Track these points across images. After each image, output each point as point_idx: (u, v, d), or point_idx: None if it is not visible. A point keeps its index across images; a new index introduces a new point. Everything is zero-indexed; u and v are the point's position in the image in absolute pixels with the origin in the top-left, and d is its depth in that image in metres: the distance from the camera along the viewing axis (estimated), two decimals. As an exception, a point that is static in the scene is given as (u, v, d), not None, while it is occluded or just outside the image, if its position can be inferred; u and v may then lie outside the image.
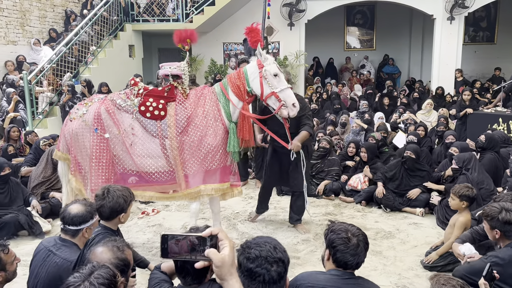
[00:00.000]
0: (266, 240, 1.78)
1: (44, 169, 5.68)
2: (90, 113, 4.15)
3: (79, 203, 2.73)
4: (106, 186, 2.82)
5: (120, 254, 2.09)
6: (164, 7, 11.33)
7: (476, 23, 13.77)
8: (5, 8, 9.64)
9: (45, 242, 2.72)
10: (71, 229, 2.66)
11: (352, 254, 2.07)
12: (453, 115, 8.15)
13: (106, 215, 2.73)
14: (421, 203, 5.44)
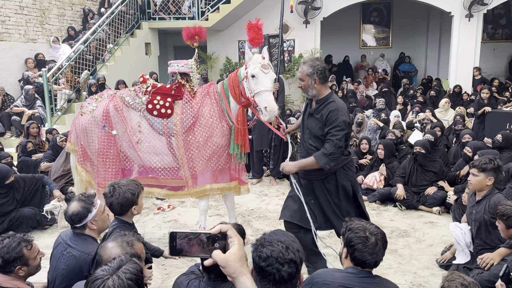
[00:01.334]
0: (279, 238, 1.76)
1: (64, 163, 5.80)
2: (99, 109, 4.24)
3: (76, 200, 2.78)
4: (112, 183, 2.86)
5: (130, 249, 2.12)
6: (180, 5, 11.41)
7: (495, 21, 13.52)
8: (25, 6, 9.82)
9: (63, 235, 2.79)
10: (77, 227, 2.74)
11: (370, 253, 2.05)
12: (471, 113, 8.04)
13: (117, 211, 2.80)
14: (437, 202, 5.39)
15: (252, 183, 6.76)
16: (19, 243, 2.49)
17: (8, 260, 2.46)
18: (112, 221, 2.90)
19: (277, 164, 6.81)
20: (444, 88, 9.81)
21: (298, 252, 1.75)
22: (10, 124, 8.63)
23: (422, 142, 5.73)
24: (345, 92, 10.81)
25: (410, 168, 5.65)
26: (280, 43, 7.13)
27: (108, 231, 2.83)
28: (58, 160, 5.90)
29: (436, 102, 9.58)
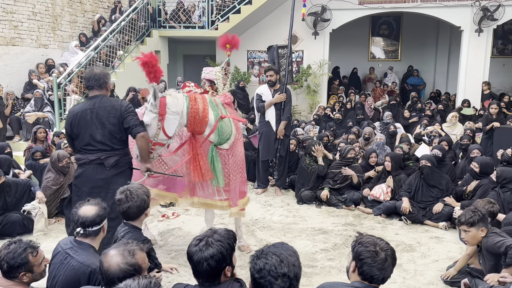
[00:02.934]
0: (276, 251, 1.78)
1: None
2: None
3: (89, 204, 2.72)
4: (124, 189, 2.85)
5: (130, 259, 2.09)
6: (190, 14, 11.52)
7: (505, 36, 13.49)
8: (38, 12, 9.98)
9: (62, 243, 2.72)
10: (95, 230, 2.65)
11: (379, 268, 2.03)
12: (479, 128, 7.99)
13: (134, 214, 2.79)
14: (443, 217, 5.33)
15: (257, 193, 6.75)
16: (25, 249, 2.49)
17: (13, 266, 2.46)
18: (120, 225, 2.90)
19: (282, 175, 6.82)
20: (465, 113, 9.69)
21: (294, 267, 1.73)
22: (19, 128, 8.73)
23: (428, 156, 5.70)
24: (353, 104, 10.80)
25: (415, 184, 5.59)
26: (288, 54, 7.16)
27: (118, 236, 2.82)
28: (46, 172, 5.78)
29: (444, 116, 9.53)
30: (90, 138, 3.53)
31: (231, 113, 4.23)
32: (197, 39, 11.99)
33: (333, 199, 6.11)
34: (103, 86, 3.65)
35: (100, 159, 3.52)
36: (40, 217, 5.20)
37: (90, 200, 2.77)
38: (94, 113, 3.53)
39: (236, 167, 4.19)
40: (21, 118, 8.66)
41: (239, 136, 4.26)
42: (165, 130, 3.65)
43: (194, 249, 2.02)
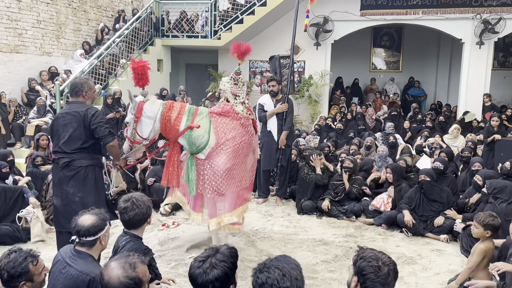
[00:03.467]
0: (278, 264, 1.77)
1: None
2: None
3: (89, 213, 2.73)
4: (129, 198, 2.85)
5: (131, 272, 2.07)
6: (193, 24, 11.60)
7: (506, 49, 13.56)
8: (42, 20, 10.06)
9: (62, 252, 2.72)
10: (89, 240, 2.65)
11: (382, 283, 2.01)
12: (481, 140, 7.99)
13: (137, 223, 2.80)
14: (444, 229, 5.31)
15: (257, 203, 6.74)
16: (25, 258, 2.47)
17: (13, 275, 2.44)
18: (121, 235, 2.89)
19: (283, 185, 6.81)
20: (467, 120, 9.71)
21: (297, 281, 1.72)
22: (21, 135, 8.75)
23: (427, 171, 5.66)
24: (354, 114, 10.82)
25: (416, 198, 5.58)
26: (290, 64, 7.20)
27: (120, 245, 2.82)
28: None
29: (445, 127, 9.54)
30: (57, 140, 3.89)
31: (219, 123, 4.14)
32: (200, 48, 12.06)
33: (334, 210, 6.10)
34: (78, 94, 3.94)
35: (57, 159, 3.89)
36: (35, 221, 5.17)
37: (93, 209, 2.77)
38: (65, 118, 3.85)
39: (218, 177, 4.04)
40: (23, 125, 8.68)
41: (227, 147, 4.07)
42: (137, 131, 4.04)
43: (197, 272, 1.97)
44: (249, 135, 4.26)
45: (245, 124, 4.25)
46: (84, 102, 3.94)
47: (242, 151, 4.19)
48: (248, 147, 4.26)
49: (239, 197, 4.26)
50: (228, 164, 4.07)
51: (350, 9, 11.06)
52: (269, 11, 10.62)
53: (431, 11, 10.83)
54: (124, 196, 2.93)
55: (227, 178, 4.08)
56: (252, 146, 4.41)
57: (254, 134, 4.45)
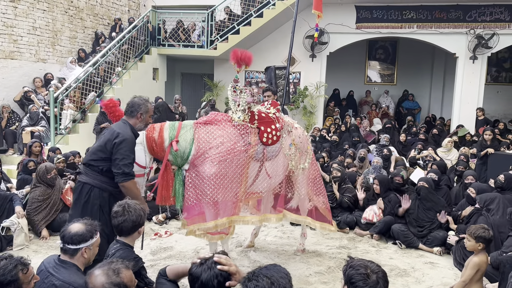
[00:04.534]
0: (267, 273, 1.77)
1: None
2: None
3: (81, 222, 2.68)
4: (123, 203, 2.83)
5: (115, 278, 2.04)
6: (189, 33, 11.64)
7: (499, 64, 13.70)
8: (38, 27, 10.04)
9: (46, 262, 2.66)
10: (70, 248, 2.59)
11: None
12: (474, 154, 8.04)
13: (127, 229, 2.74)
14: (438, 242, 5.31)
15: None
16: (15, 266, 2.42)
17: (2, 283, 2.39)
18: (113, 243, 2.85)
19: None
20: (460, 134, 9.80)
21: None
22: (13, 141, 8.67)
23: (426, 178, 5.89)
24: (348, 126, 10.85)
25: (412, 205, 5.61)
26: (286, 75, 7.22)
27: (109, 253, 2.77)
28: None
29: (439, 140, 9.59)
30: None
31: (202, 132, 4.00)
32: (196, 58, 12.08)
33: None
34: (133, 114, 3.70)
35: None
36: (19, 232, 5.19)
37: (87, 220, 2.73)
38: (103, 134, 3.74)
39: (203, 182, 3.90)
40: (16, 131, 8.61)
41: (210, 154, 3.91)
42: (136, 161, 3.72)
43: (200, 269, 2.02)
44: (244, 143, 4.03)
45: (241, 132, 4.07)
46: (133, 125, 3.68)
47: (232, 158, 3.94)
48: (242, 155, 4.01)
49: (226, 208, 4.04)
50: (213, 169, 3.88)
51: (346, 21, 11.17)
52: (266, 22, 10.68)
53: (426, 26, 10.95)
54: (121, 201, 2.91)
55: (215, 184, 3.88)
56: (251, 156, 4.10)
57: (254, 143, 4.12)
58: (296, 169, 4.59)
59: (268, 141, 4.20)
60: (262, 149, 4.17)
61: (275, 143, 4.27)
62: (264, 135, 4.18)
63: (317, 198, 4.93)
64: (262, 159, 4.20)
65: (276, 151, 4.30)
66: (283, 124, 4.43)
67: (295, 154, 4.54)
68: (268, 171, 4.26)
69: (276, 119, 4.38)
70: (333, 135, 9.84)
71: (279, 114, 4.49)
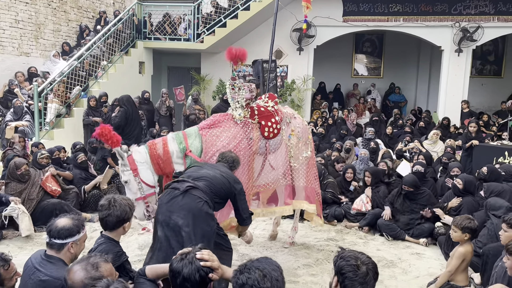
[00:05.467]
0: (259, 265, 1.77)
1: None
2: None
3: (67, 216, 2.64)
4: (110, 197, 2.80)
5: (94, 272, 2.02)
6: (176, 27, 11.52)
7: (483, 57, 13.87)
8: (21, 20, 9.85)
9: (33, 258, 2.62)
10: (57, 243, 2.54)
11: (360, 282, 2.01)
12: (459, 146, 8.14)
13: (112, 224, 2.70)
14: (424, 233, 5.38)
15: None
16: None
17: None
18: (98, 237, 2.82)
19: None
20: (433, 121, 10.01)
21: (277, 282, 1.72)
22: (-4, 136, 8.52)
23: (410, 181, 5.57)
24: (335, 119, 10.90)
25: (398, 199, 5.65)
26: (269, 69, 7.22)
27: (93, 247, 2.74)
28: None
29: (426, 133, 9.69)
30: None
31: (209, 137, 4.00)
32: (182, 51, 11.98)
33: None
34: (233, 169, 3.71)
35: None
36: (22, 216, 5.17)
37: (73, 215, 2.69)
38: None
39: None
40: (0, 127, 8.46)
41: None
42: (144, 181, 3.75)
43: (181, 264, 2.00)
44: (248, 140, 4.09)
45: (244, 129, 4.11)
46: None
47: (239, 157, 3.96)
48: (248, 152, 4.08)
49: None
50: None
51: (333, 15, 11.17)
52: (253, 15, 10.63)
53: (412, 19, 11.02)
54: (109, 195, 2.88)
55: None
56: (255, 151, 4.16)
57: (257, 139, 4.17)
58: (297, 159, 4.59)
59: (269, 135, 4.26)
60: (265, 143, 4.25)
61: (276, 136, 4.33)
62: (265, 129, 4.23)
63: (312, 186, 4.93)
64: (265, 153, 4.29)
65: (278, 144, 4.38)
66: (282, 116, 4.47)
67: (296, 144, 4.58)
68: (272, 164, 4.37)
69: (275, 112, 4.41)
70: (320, 128, 9.87)
71: (277, 106, 4.52)
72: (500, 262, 3.36)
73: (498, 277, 3.29)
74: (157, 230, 3.20)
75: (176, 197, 3.15)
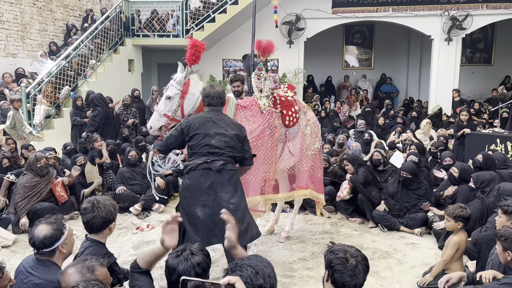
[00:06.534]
0: (251, 263, 1.78)
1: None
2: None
3: (44, 223, 2.60)
4: (92, 199, 2.75)
5: (90, 275, 2.00)
6: (164, 23, 11.42)
7: (473, 45, 13.92)
8: (6, 20, 9.70)
9: (25, 262, 2.60)
10: (46, 251, 2.53)
11: (349, 275, 2.02)
12: (451, 134, 8.17)
13: (98, 226, 2.66)
14: (418, 223, 5.38)
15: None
16: None
17: None
18: (83, 241, 2.78)
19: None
20: (431, 111, 9.98)
21: (270, 278, 1.73)
22: (-15, 139, 8.40)
23: (409, 168, 5.57)
24: (328, 111, 10.88)
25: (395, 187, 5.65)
26: (251, 63, 7.24)
27: (79, 251, 2.71)
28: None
29: (418, 123, 9.71)
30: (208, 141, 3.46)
31: (241, 116, 4.19)
32: (172, 48, 11.87)
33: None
34: (223, 104, 3.77)
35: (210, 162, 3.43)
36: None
37: (48, 218, 2.64)
38: (216, 124, 3.53)
39: None
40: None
41: None
42: (183, 109, 3.93)
43: (177, 260, 2.03)
44: (271, 128, 4.29)
45: (267, 118, 4.30)
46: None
47: (262, 143, 4.22)
48: (270, 140, 4.29)
49: (256, 187, 4.27)
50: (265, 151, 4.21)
51: (322, 7, 11.13)
52: (241, 9, 10.55)
53: (401, 8, 11.01)
54: (91, 197, 2.83)
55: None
56: (277, 138, 4.36)
57: (279, 126, 4.37)
58: (309, 148, 4.82)
59: (290, 123, 4.50)
60: (285, 131, 4.49)
61: (295, 125, 4.58)
62: (286, 118, 4.47)
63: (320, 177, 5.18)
64: (285, 140, 4.54)
65: (296, 132, 4.64)
66: (300, 106, 4.73)
67: (310, 134, 4.83)
68: (291, 150, 4.63)
69: (294, 101, 4.67)
70: (312, 121, 9.84)
71: (296, 96, 4.79)
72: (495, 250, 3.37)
73: (494, 265, 3.30)
74: (196, 213, 3.30)
75: (213, 176, 3.34)
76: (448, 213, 3.82)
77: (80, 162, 6.51)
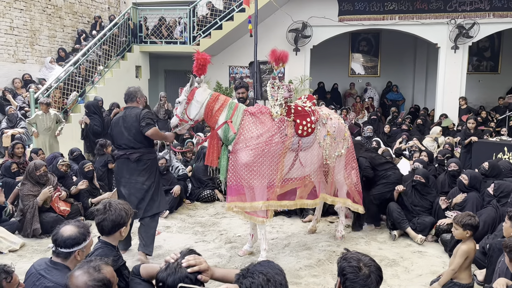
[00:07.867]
0: (263, 269, 1.75)
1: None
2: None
3: (72, 224, 2.62)
4: (107, 201, 2.77)
5: (97, 274, 2.02)
6: (172, 30, 11.51)
7: (480, 53, 13.90)
8: (16, 27, 9.82)
9: (36, 265, 2.59)
10: (63, 252, 2.53)
11: (362, 285, 1.98)
12: (458, 142, 8.13)
13: (107, 229, 2.67)
14: (426, 227, 5.35)
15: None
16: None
17: None
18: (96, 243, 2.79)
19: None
20: (444, 125, 9.92)
21: (281, 286, 1.70)
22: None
23: (423, 172, 5.66)
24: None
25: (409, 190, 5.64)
26: (255, 70, 7.25)
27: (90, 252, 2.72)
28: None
29: (423, 130, 9.68)
30: (121, 138, 4.57)
31: (247, 121, 4.37)
32: (179, 55, 11.97)
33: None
34: (133, 100, 4.70)
35: (126, 155, 4.54)
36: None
37: (77, 221, 2.66)
38: (125, 120, 4.54)
39: (240, 169, 4.34)
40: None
41: (250, 143, 4.31)
42: (187, 112, 4.46)
43: (165, 273, 2.00)
44: (281, 135, 4.39)
45: (278, 125, 4.41)
46: (138, 106, 4.67)
47: (269, 149, 4.35)
48: (279, 147, 4.39)
49: (262, 192, 4.40)
50: (249, 158, 4.30)
51: (328, 14, 11.18)
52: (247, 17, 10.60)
53: (407, 17, 11.03)
54: (104, 200, 2.89)
55: (251, 171, 4.32)
56: (287, 146, 4.46)
57: (290, 135, 4.46)
58: (330, 157, 4.89)
59: (303, 133, 4.56)
60: (298, 140, 4.55)
61: (310, 135, 4.63)
62: (299, 127, 4.54)
63: (351, 181, 5.26)
64: (297, 149, 4.59)
65: (310, 142, 4.67)
66: (318, 117, 4.76)
67: (330, 144, 4.87)
68: (302, 160, 4.66)
69: (311, 112, 4.71)
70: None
71: (314, 107, 4.83)
72: (503, 258, 3.34)
73: (501, 272, 3.28)
74: (120, 191, 4.71)
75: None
76: (457, 221, 3.78)
77: (88, 168, 6.51)
